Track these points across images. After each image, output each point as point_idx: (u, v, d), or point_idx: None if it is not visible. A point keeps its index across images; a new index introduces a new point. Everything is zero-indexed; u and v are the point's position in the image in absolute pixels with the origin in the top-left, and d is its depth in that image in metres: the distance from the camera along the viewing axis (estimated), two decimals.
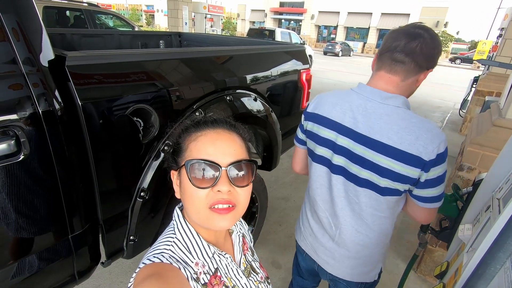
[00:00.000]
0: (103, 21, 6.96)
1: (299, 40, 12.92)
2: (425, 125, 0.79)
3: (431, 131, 0.78)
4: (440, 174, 0.80)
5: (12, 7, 0.81)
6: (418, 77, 0.84)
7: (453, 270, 0.95)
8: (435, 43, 0.81)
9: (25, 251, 0.93)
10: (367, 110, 0.83)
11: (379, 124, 0.81)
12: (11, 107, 0.80)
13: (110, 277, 1.85)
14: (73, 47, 2.33)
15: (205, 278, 0.55)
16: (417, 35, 0.80)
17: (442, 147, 0.78)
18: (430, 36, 0.80)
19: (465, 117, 5.49)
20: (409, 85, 0.85)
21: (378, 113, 0.82)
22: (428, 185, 0.81)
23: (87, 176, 1.02)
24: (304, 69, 2.22)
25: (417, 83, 0.86)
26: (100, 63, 1.00)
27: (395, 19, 28.13)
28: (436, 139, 0.77)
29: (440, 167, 0.79)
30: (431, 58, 0.82)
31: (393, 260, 2.21)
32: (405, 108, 0.82)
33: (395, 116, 0.80)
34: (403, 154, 0.78)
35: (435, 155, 0.77)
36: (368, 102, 0.84)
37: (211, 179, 0.52)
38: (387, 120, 0.80)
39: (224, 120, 0.59)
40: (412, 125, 0.79)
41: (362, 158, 0.84)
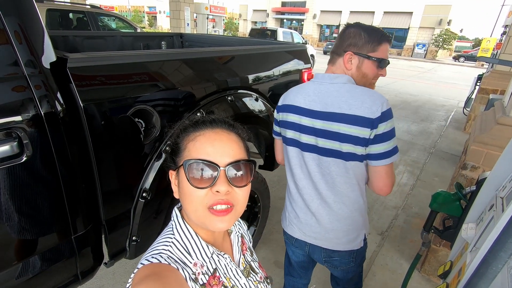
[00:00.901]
0: (105, 23, 7.01)
1: (301, 39, 12.89)
2: (367, 92, 0.93)
3: (373, 96, 0.92)
4: (388, 129, 0.91)
5: (14, 10, 0.82)
6: (342, 59, 1.01)
7: (456, 270, 0.95)
8: (342, 34, 1.02)
9: (28, 252, 0.94)
10: (321, 91, 0.99)
11: (331, 99, 0.96)
12: (13, 109, 0.80)
13: (114, 277, 1.86)
14: (76, 49, 2.35)
15: (203, 278, 0.55)
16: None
17: (385, 106, 0.90)
18: (345, 29, 1.02)
19: (469, 116, 5.45)
20: (339, 67, 1.03)
21: (329, 91, 0.98)
22: (378, 140, 0.91)
23: (89, 177, 1.03)
24: (305, 68, 2.21)
25: (346, 65, 1.01)
26: (101, 65, 1.01)
27: (397, 17, 27.98)
28: (378, 100, 0.91)
29: (386, 123, 0.91)
30: (339, 45, 1.02)
31: (397, 259, 2.20)
32: (349, 83, 0.98)
33: (343, 90, 0.96)
34: (354, 117, 0.91)
35: (380, 113, 0.89)
36: (321, 85, 1.01)
37: (210, 179, 0.52)
38: (336, 95, 0.96)
39: (222, 120, 0.59)
40: (356, 94, 0.94)
41: (324, 131, 0.97)
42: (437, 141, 4.84)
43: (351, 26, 1.02)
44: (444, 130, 5.50)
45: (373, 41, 0.98)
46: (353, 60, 1.00)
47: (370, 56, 0.99)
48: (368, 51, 0.99)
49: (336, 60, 1.03)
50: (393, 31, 28.79)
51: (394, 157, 0.95)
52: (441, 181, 3.51)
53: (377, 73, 1.03)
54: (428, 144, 4.69)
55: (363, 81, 1.03)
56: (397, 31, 28.91)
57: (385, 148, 0.92)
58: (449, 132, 5.39)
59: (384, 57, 1.01)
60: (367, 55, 0.99)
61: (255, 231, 2.03)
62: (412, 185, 3.38)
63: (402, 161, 4.00)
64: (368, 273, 2.05)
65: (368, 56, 0.99)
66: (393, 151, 0.94)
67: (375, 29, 1.00)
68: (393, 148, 0.94)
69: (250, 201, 1.93)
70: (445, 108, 7.43)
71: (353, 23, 1.03)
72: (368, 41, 0.98)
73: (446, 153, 4.36)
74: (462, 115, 6.45)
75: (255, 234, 2.03)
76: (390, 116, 0.92)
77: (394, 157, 0.95)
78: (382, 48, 1.00)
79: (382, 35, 1.00)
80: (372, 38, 0.98)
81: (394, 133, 0.93)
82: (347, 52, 0.99)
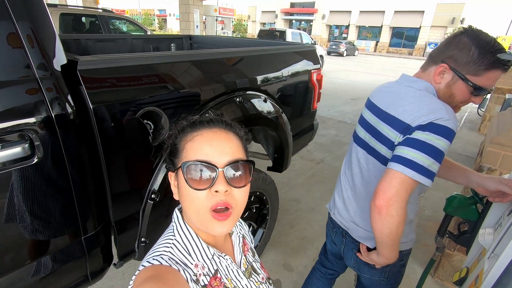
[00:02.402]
0: (117, 26, 7.13)
1: (310, 40, 12.83)
2: (435, 104, 0.81)
3: (438, 109, 0.79)
4: (423, 139, 0.77)
5: (26, 15, 0.83)
6: (435, 69, 0.88)
7: (473, 277, 0.91)
8: (451, 39, 0.86)
9: (39, 252, 0.95)
10: (394, 91, 0.94)
11: (395, 101, 0.90)
12: (25, 111, 0.81)
13: (123, 278, 1.88)
14: (88, 51, 2.39)
15: (205, 279, 0.54)
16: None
17: (442, 122, 0.77)
18: (458, 34, 0.86)
19: (484, 116, 5.30)
20: (428, 76, 0.91)
21: (400, 93, 0.91)
22: (406, 143, 0.80)
23: (99, 178, 1.04)
24: (315, 69, 2.19)
25: (435, 77, 0.89)
26: (111, 67, 1.02)
27: (408, 16, 27.54)
28: (439, 115, 0.78)
29: (428, 134, 0.77)
30: (440, 51, 0.88)
31: (409, 264, 2.14)
32: (425, 91, 0.87)
33: (411, 95, 0.88)
34: (396, 120, 0.86)
35: (427, 122, 0.78)
36: (398, 86, 0.95)
37: (208, 180, 0.51)
38: (403, 97, 0.88)
39: (220, 120, 0.58)
40: (420, 101, 0.84)
41: (374, 129, 0.94)
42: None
43: (467, 33, 0.83)
44: (458, 131, 5.35)
45: (481, 63, 0.80)
46: (446, 75, 0.86)
47: (468, 79, 0.83)
48: (468, 72, 0.82)
49: (429, 67, 0.90)
50: (404, 30, 28.39)
51: (414, 174, 0.77)
52: (456, 183, 3.41)
53: (469, 98, 0.87)
54: None
55: (448, 101, 0.87)
56: (408, 30, 28.48)
57: (410, 155, 0.78)
58: (463, 133, 5.25)
59: (487, 85, 0.83)
60: (464, 76, 0.83)
61: (263, 233, 2.01)
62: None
63: None
64: None
65: (465, 77, 0.83)
66: (417, 166, 0.77)
67: (496, 49, 0.79)
68: (420, 163, 0.77)
69: (258, 203, 1.92)
70: None
71: (473, 29, 0.84)
72: (474, 61, 0.80)
73: (460, 155, 4.25)
74: (477, 116, 6.27)
75: (263, 236, 2.02)
76: (441, 132, 0.76)
77: (414, 174, 0.77)
78: (489, 75, 0.82)
79: (497, 60, 0.79)
80: (482, 59, 0.80)
81: (432, 151, 0.77)
82: (443, 64, 0.85)
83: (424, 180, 0.77)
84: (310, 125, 2.38)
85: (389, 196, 0.79)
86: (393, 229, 0.81)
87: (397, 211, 0.79)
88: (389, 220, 0.80)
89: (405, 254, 1.06)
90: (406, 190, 0.78)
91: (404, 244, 1.01)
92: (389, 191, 0.79)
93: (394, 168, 0.79)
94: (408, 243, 1.03)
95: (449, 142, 0.79)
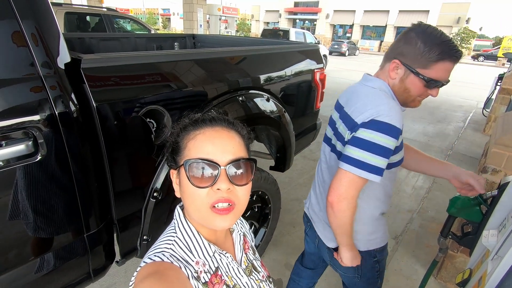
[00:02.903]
0: (121, 25, 7.16)
1: (313, 39, 12.79)
2: (378, 101, 0.85)
3: (379, 105, 0.84)
4: (365, 137, 0.82)
5: (31, 13, 0.83)
6: (389, 66, 0.92)
7: (476, 279, 0.90)
8: (401, 36, 0.91)
9: (42, 249, 0.96)
10: (353, 91, 0.98)
11: (351, 99, 0.94)
12: (29, 109, 0.82)
13: (126, 275, 1.89)
14: (92, 50, 2.40)
15: (205, 277, 0.55)
16: None
17: (382, 118, 0.81)
18: (407, 30, 0.89)
19: (489, 117, 5.25)
20: (384, 73, 0.95)
21: (357, 92, 0.95)
22: (352, 142, 0.85)
23: (102, 176, 1.04)
24: (318, 68, 2.18)
25: (390, 73, 0.92)
26: (114, 65, 1.02)
27: (413, 16, 27.34)
28: (379, 111, 0.82)
29: (370, 132, 0.82)
30: (392, 48, 0.92)
31: (412, 265, 2.13)
32: (379, 90, 0.91)
33: (364, 93, 0.92)
34: (347, 117, 0.91)
35: (369, 119, 0.82)
36: (358, 85, 1.00)
37: (210, 178, 0.52)
38: (357, 96, 0.93)
39: (222, 118, 0.58)
40: (367, 99, 0.88)
41: (335, 126, 1.00)
42: (455, 143, 4.69)
43: (414, 29, 0.86)
44: (462, 132, 5.32)
45: (429, 56, 0.83)
46: (399, 70, 0.89)
47: (419, 72, 0.85)
48: (419, 65, 0.85)
49: (384, 64, 0.95)
50: None
51: (360, 172, 0.82)
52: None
53: (425, 92, 0.90)
54: (445, 146, 4.55)
55: (405, 96, 0.92)
56: None
57: (355, 154, 0.83)
58: (467, 134, 5.21)
59: (439, 77, 0.85)
60: (415, 70, 0.86)
61: (265, 232, 2.01)
62: (428, 188, 3.28)
63: None
64: None
65: (415, 71, 0.86)
66: (363, 165, 0.82)
67: (441, 41, 0.82)
68: (366, 162, 0.82)
69: (261, 202, 1.92)
70: (463, 109, 7.19)
71: (422, 24, 0.86)
72: (423, 54, 0.83)
73: (464, 156, 4.21)
74: (482, 116, 6.22)
75: (265, 236, 2.02)
76: (381, 128, 0.81)
77: (360, 172, 0.82)
78: (439, 66, 0.84)
79: (444, 51, 0.82)
80: (430, 52, 0.82)
81: (375, 148, 0.81)
82: (394, 60, 0.89)
83: (371, 177, 0.83)
84: (313, 125, 2.38)
85: (339, 193, 0.86)
86: (345, 222, 0.89)
87: (347, 206, 0.87)
88: (341, 214, 0.88)
89: (377, 251, 1.06)
90: (355, 188, 0.85)
91: (372, 242, 1.04)
92: (339, 189, 0.86)
93: (343, 167, 0.86)
94: (376, 241, 1.04)
95: (392, 137, 0.81)
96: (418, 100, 0.94)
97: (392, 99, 0.89)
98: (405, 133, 5.01)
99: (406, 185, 3.30)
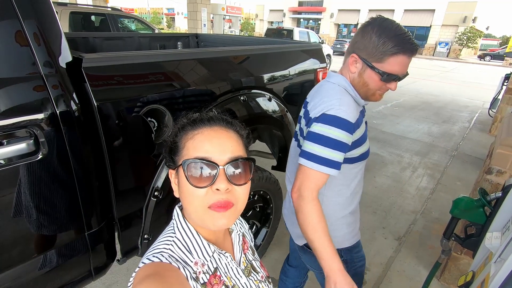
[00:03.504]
0: (125, 24, 7.20)
1: (317, 39, 12.74)
2: (331, 96, 0.87)
3: (333, 99, 0.85)
4: (317, 131, 0.83)
5: (33, 13, 0.84)
6: (349, 60, 0.91)
7: (479, 281, 0.89)
8: (359, 30, 0.89)
9: (43, 247, 0.96)
10: (317, 88, 0.99)
11: (314, 96, 0.95)
12: (30, 108, 0.83)
13: (127, 273, 1.90)
14: (95, 49, 2.42)
15: (204, 277, 0.54)
16: None
17: (332, 111, 0.82)
18: (365, 24, 0.88)
19: (495, 117, 5.18)
20: (346, 68, 0.95)
21: (320, 88, 0.96)
22: (308, 137, 0.86)
23: (103, 175, 1.05)
24: (321, 68, 2.17)
25: (350, 67, 0.92)
26: (115, 65, 1.02)
27: (419, 15, 27.10)
28: (329, 105, 0.84)
29: (321, 125, 0.83)
30: (352, 43, 0.91)
31: (414, 266, 2.11)
32: (337, 85, 0.92)
33: (324, 89, 0.93)
34: (306, 113, 0.93)
35: (320, 113, 0.84)
36: (322, 81, 1.00)
37: (209, 178, 0.51)
38: (317, 92, 0.94)
39: (220, 117, 0.58)
40: (322, 94, 0.90)
41: (300, 122, 1.01)
42: (460, 144, 4.64)
43: (371, 23, 0.86)
44: (467, 132, 5.26)
45: (383, 50, 0.82)
46: (357, 64, 0.89)
47: (374, 66, 0.85)
48: (374, 59, 0.85)
49: (345, 59, 0.95)
50: (414, 29, 27.91)
51: (316, 166, 0.82)
52: (464, 185, 3.35)
53: (383, 85, 0.89)
54: (450, 147, 4.50)
55: (364, 90, 0.92)
56: (418, 29, 28.00)
57: (309, 148, 0.84)
58: (473, 134, 5.15)
59: (394, 71, 0.85)
60: (371, 63, 0.85)
61: (267, 232, 2.01)
62: (432, 189, 3.25)
63: (422, 163, 3.86)
64: (384, 279, 1.98)
65: (372, 65, 0.85)
66: (318, 158, 0.82)
67: (396, 34, 0.81)
68: (319, 155, 0.82)
69: (262, 202, 1.91)
70: (468, 109, 7.11)
71: (379, 18, 0.85)
72: (377, 48, 0.83)
73: (469, 156, 4.17)
74: (487, 117, 6.14)
75: (267, 236, 2.01)
76: (331, 121, 0.82)
77: (316, 166, 0.82)
78: (393, 60, 0.83)
79: (397, 45, 0.81)
80: (383, 45, 0.82)
81: (328, 142, 0.82)
82: (353, 55, 0.89)
83: (328, 170, 0.83)
84: None
85: (298, 187, 0.86)
86: (312, 222, 0.83)
87: (309, 201, 0.84)
88: (304, 210, 0.84)
89: (343, 251, 1.04)
90: (313, 182, 0.84)
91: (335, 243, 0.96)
92: (298, 183, 0.86)
93: (300, 162, 0.86)
94: (336, 240, 0.96)
95: (343, 130, 0.82)
96: (378, 94, 0.93)
97: (346, 94, 0.89)
98: (409, 133, 4.97)
99: (409, 186, 3.27)
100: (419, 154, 4.16)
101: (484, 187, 1.66)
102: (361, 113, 0.94)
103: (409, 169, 3.68)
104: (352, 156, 0.93)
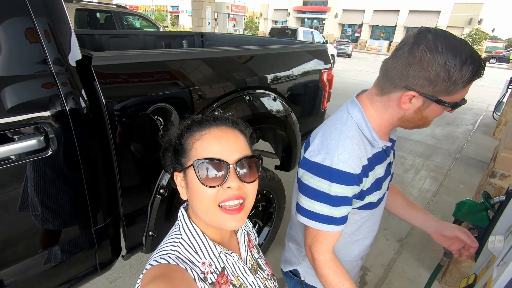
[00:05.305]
0: (130, 22, 7.23)
1: (322, 39, 12.71)
2: (333, 137, 0.73)
3: (331, 143, 0.72)
4: (305, 181, 0.73)
5: (44, 10, 0.85)
6: (399, 96, 0.68)
7: (481, 284, 0.89)
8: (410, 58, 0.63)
9: (50, 242, 0.98)
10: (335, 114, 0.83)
11: (324, 124, 0.82)
12: (41, 105, 0.84)
13: (131, 269, 1.92)
14: (101, 47, 2.44)
15: (212, 277, 0.55)
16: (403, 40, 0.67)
17: (326, 161, 0.70)
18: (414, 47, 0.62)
19: (499, 120, 5.16)
20: (385, 103, 0.72)
21: (335, 115, 0.81)
22: (302, 189, 0.75)
23: (110, 172, 1.06)
24: (325, 68, 2.17)
25: (402, 105, 0.69)
26: (124, 63, 1.04)
27: (424, 16, 26.94)
28: (324, 150, 0.71)
29: (305, 173, 0.73)
30: (400, 74, 0.66)
31: (416, 268, 2.12)
32: (351, 118, 0.75)
33: (333, 120, 0.79)
34: (307, 142, 0.82)
35: (309, 160, 0.73)
36: (341, 107, 0.83)
37: (220, 177, 0.52)
38: (325, 123, 0.81)
39: (225, 118, 0.59)
40: (327, 132, 0.75)
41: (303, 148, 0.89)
42: (464, 146, 4.62)
43: (425, 44, 0.61)
44: (471, 135, 5.24)
45: (460, 81, 0.62)
46: (415, 100, 0.67)
47: (444, 101, 0.65)
48: (444, 93, 0.64)
49: (389, 92, 0.70)
50: None
51: (320, 225, 0.72)
52: (467, 188, 3.34)
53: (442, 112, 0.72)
54: (453, 149, 4.48)
55: (414, 124, 0.73)
56: None
57: (299, 200, 0.76)
58: (476, 137, 5.13)
59: (463, 96, 0.68)
60: (439, 98, 0.65)
61: (269, 231, 2.02)
62: (435, 191, 3.24)
63: (424, 166, 3.85)
64: (385, 281, 1.99)
65: (440, 100, 0.66)
66: (307, 212, 0.73)
67: (471, 58, 0.60)
68: (307, 208, 0.73)
69: (265, 201, 1.92)
70: (472, 111, 7.07)
71: (430, 37, 0.61)
72: (453, 81, 0.62)
73: (472, 159, 4.15)
74: (492, 120, 6.11)
75: (269, 235, 2.03)
76: (317, 171, 0.71)
77: (320, 225, 0.72)
78: (467, 88, 0.65)
79: (473, 72, 0.61)
80: (461, 75, 0.61)
81: (311, 193, 0.72)
82: (410, 92, 0.66)
83: (331, 228, 0.72)
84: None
85: (309, 247, 0.78)
86: (330, 280, 0.74)
87: (322, 264, 0.75)
88: (321, 272, 0.76)
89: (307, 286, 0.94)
90: (323, 243, 0.75)
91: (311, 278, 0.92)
92: (308, 242, 0.78)
93: (300, 220, 0.76)
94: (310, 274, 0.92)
95: (344, 185, 0.69)
96: (429, 122, 0.76)
97: (354, 136, 0.73)
98: (412, 134, 4.96)
99: (412, 188, 3.27)
100: (422, 156, 4.15)
101: (487, 190, 1.66)
102: (376, 157, 0.77)
103: (412, 171, 3.68)
104: (362, 204, 0.79)
